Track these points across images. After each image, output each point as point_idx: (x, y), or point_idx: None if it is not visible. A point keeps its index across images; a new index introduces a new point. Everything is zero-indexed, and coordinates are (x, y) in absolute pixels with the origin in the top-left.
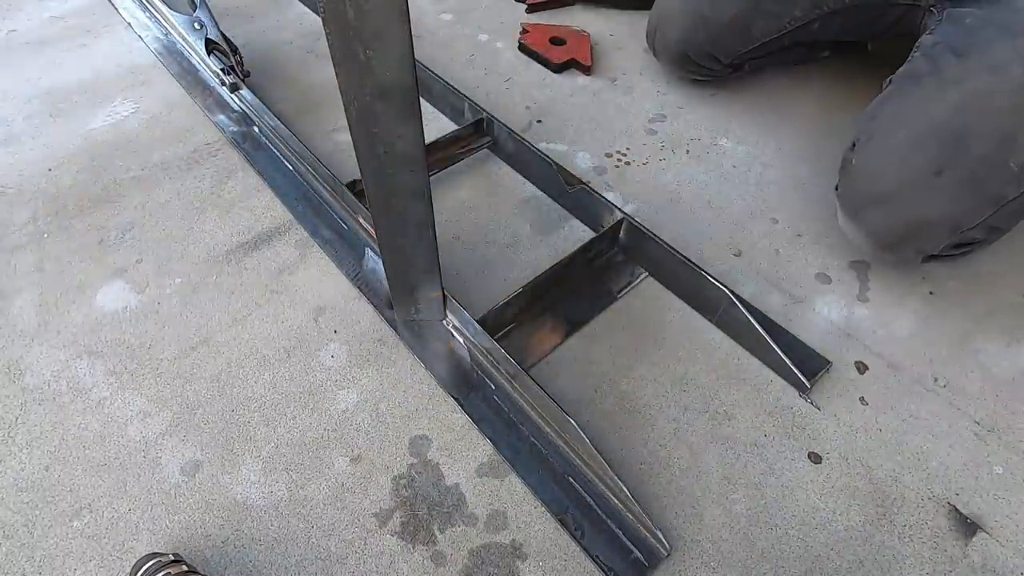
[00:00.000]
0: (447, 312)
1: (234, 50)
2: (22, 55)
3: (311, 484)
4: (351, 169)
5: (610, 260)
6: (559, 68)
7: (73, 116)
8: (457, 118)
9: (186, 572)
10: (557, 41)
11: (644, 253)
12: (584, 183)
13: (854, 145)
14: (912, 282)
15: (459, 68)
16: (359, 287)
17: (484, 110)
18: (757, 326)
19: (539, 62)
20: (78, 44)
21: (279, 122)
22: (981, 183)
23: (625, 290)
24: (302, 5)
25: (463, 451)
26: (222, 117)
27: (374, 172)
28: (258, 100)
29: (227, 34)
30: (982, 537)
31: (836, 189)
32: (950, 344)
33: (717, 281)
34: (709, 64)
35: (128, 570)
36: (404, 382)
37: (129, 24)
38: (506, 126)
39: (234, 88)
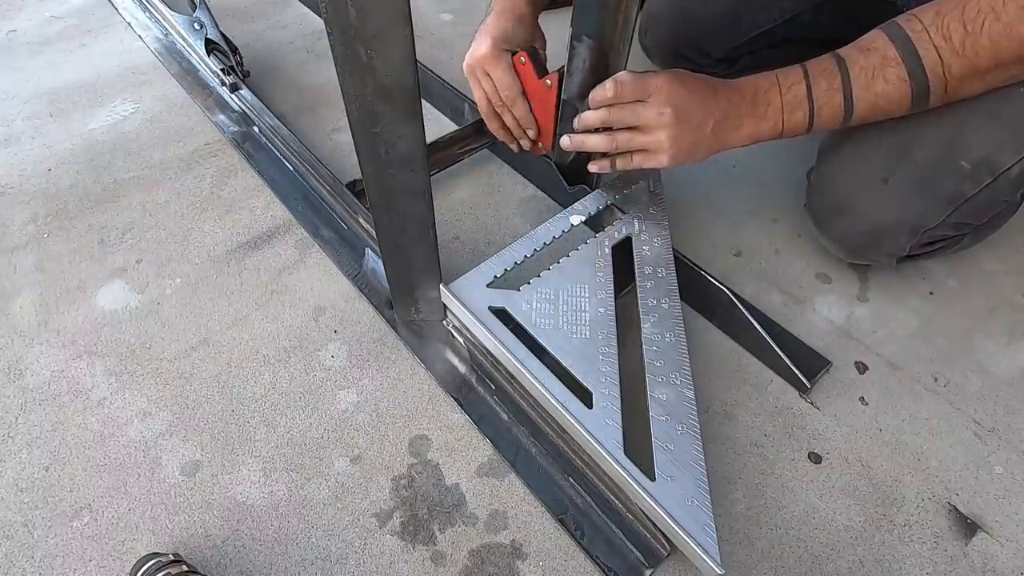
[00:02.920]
0: (447, 312)
1: (234, 50)
2: (22, 55)
3: (311, 484)
4: (351, 169)
5: None
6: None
7: (73, 116)
8: (457, 118)
9: (186, 572)
10: None
11: None
12: (584, 183)
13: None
14: (912, 282)
15: (459, 68)
16: (359, 287)
17: None
18: (757, 326)
19: None
20: (78, 44)
21: (279, 122)
22: (931, 184)
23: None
24: (302, 5)
25: (463, 451)
26: (222, 117)
27: (375, 172)
28: (258, 100)
29: (227, 34)
30: (982, 537)
31: (805, 206)
32: (950, 344)
33: (717, 281)
34: (701, 60)
35: (128, 570)
36: (404, 382)
37: (129, 24)
38: None
39: (234, 88)
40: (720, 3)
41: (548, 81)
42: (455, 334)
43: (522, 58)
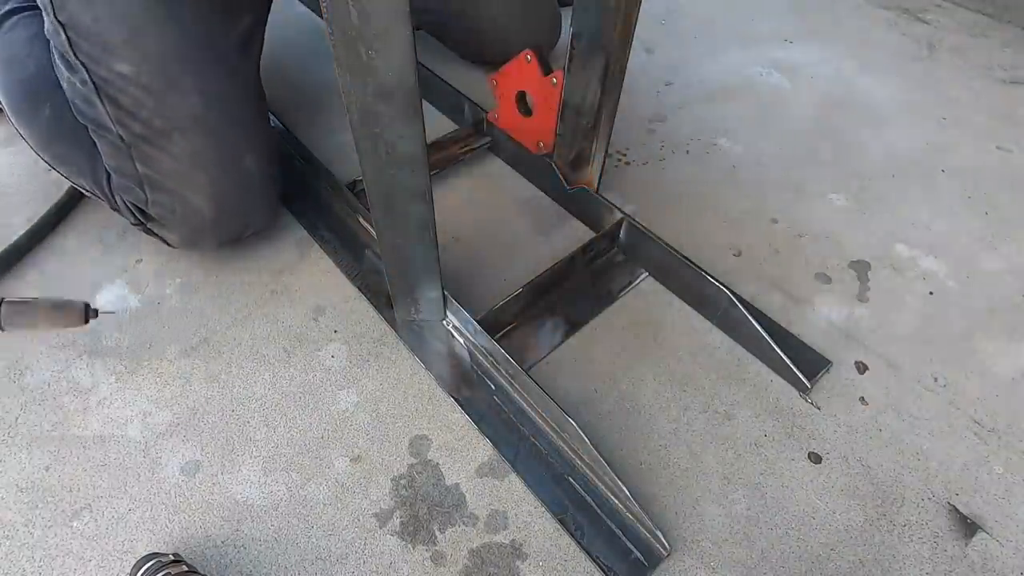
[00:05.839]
0: (447, 312)
1: None
2: None
3: (311, 484)
4: (351, 169)
5: (610, 260)
6: None
7: None
8: (457, 118)
9: (186, 572)
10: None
11: (644, 253)
12: (584, 183)
13: None
14: (912, 282)
15: (459, 68)
16: (359, 287)
17: (484, 110)
18: (757, 326)
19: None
20: None
21: (279, 122)
22: None
23: (625, 290)
24: (302, 5)
25: (463, 451)
26: None
27: (375, 172)
28: None
29: None
30: (982, 537)
31: None
32: (950, 344)
33: (717, 281)
34: None
35: (128, 570)
36: (404, 382)
37: None
38: None
39: None
40: None
41: (554, 79)
42: (455, 334)
43: (528, 56)
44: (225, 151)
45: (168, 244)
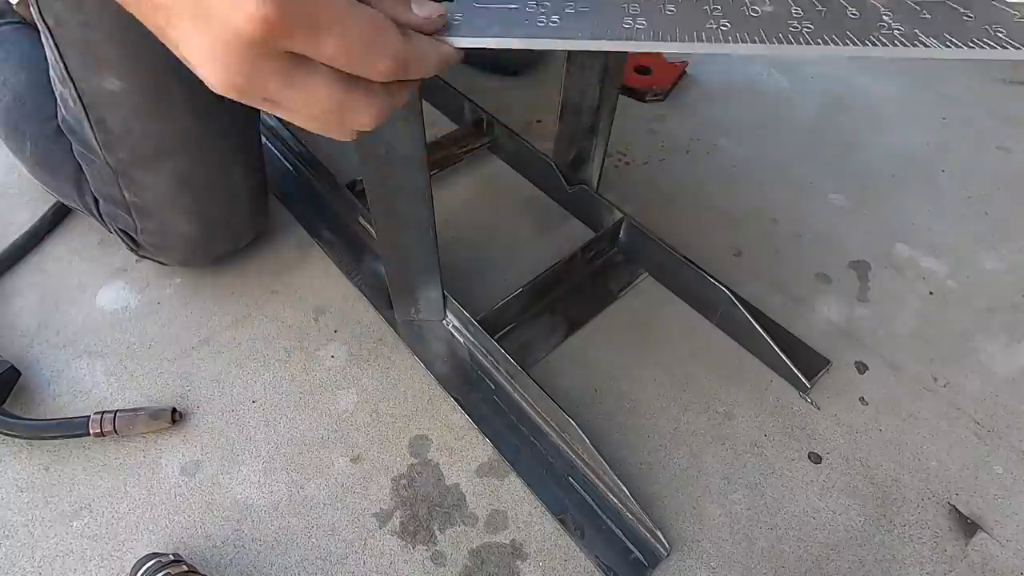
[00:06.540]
0: (447, 312)
1: None
2: None
3: (311, 484)
4: (351, 169)
5: (610, 260)
6: None
7: None
8: (457, 118)
9: (186, 572)
10: None
11: (644, 253)
12: (584, 183)
13: None
14: (912, 282)
15: (459, 68)
16: (359, 287)
17: (484, 110)
18: (757, 326)
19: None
20: None
21: (278, 122)
22: None
23: (625, 290)
24: None
25: (463, 451)
26: None
27: (375, 173)
28: None
29: None
30: (982, 537)
31: None
32: (950, 344)
33: (717, 281)
34: None
35: (128, 570)
36: (404, 382)
37: None
38: (506, 126)
39: None
40: None
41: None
42: (455, 334)
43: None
44: (213, 170)
45: (163, 264)
